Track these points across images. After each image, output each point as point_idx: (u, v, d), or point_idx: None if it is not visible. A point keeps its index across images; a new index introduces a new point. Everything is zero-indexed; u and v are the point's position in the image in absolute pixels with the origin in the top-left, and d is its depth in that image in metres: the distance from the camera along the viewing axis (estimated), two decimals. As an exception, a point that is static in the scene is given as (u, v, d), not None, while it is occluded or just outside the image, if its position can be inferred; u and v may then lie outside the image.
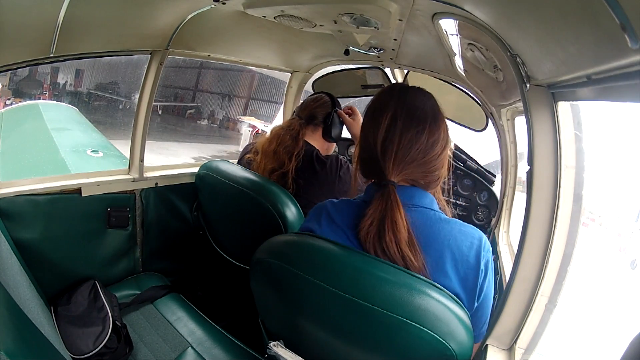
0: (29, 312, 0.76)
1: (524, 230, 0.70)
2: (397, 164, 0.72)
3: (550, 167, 0.68)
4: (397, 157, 0.71)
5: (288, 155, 1.29)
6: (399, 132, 0.71)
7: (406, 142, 0.71)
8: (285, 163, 1.28)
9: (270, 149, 1.32)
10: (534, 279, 0.69)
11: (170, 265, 1.62)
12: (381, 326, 0.64)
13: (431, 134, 0.72)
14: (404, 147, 0.71)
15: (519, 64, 0.70)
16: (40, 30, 0.96)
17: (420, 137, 0.72)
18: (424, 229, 0.70)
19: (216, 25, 1.32)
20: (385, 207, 0.69)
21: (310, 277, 0.70)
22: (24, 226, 1.16)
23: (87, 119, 4.88)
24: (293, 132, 1.34)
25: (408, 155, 0.71)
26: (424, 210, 0.72)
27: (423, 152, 0.72)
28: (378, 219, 0.69)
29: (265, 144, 1.35)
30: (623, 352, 0.39)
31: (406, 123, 0.72)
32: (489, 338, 0.73)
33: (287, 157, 1.29)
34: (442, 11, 0.88)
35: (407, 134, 0.71)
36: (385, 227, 0.68)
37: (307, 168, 1.29)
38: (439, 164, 0.75)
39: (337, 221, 0.76)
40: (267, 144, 1.34)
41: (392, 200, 0.69)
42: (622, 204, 3.53)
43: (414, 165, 0.72)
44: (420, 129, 0.72)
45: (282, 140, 1.32)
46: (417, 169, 0.73)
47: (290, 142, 1.31)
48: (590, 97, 0.62)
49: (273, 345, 0.81)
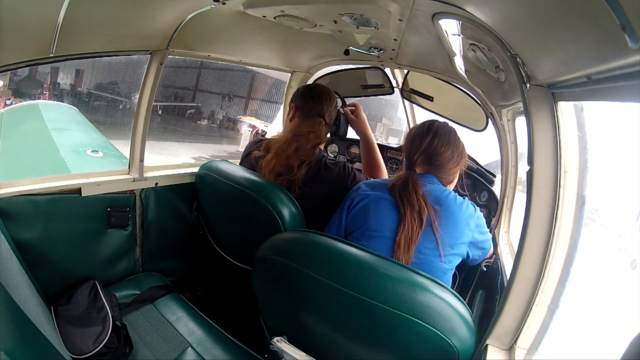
0: (29, 312, 0.76)
1: (524, 230, 0.70)
2: (421, 161, 1.12)
3: (550, 167, 0.68)
4: (422, 156, 1.12)
5: (300, 162, 1.23)
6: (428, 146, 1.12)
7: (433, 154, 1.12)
8: (294, 170, 1.22)
9: (285, 153, 1.24)
10: (534, 279, 0.69)
11: (170, 265, 1.61)
12: (383, 322, 0.65)
13: (452, 156, 1.13)
14: (429, 153, 1.12)
15: (519, 64, 0.70)
16: (40, 30, 0.96)
17: (444, 154, 1.12)
18: (436, 192, 1.06)
19: (216, 25, 1.32)
20: (408, 175, 1.07)
21: (314, 273, 0.70)
22: (24, 226, 1.16)
23: (87, 119, 4.88)
24: (316, 141, 1.28)
25: (432, 159, 1.12)
26: (436, 186, 1.09)
27: (442, 162, 1.12)
28: (403, 179, 1.07)
29: (282, 145, 1.27)
30: (623, 352, 0.39)
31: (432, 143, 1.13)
32: (489, 338, 0.73)
33: (298, 164, 1.23)
34: (442, 11, 0.88)
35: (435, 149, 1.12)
36: (408, 184, 1.05)
37: (315, 175, 1.24)
38: (453, 173, 1.16)
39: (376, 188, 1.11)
40: (285, 146, 1.26)
41: (412, 174, 1.07)
42: (622, 204, 3.53)
43: (434, 167, 1.12)
44: (443, 150, 1.12)
45: (301, 146, 1.25)
46: (436, 169, 1.12)
47: (309, 150, 1.26)
48: (591, 97, 0.62)
49: (277, 341, 0.82)
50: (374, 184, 1.14)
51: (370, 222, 1.05)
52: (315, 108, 1.32)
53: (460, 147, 1.15)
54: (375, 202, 1.07)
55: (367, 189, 1.12)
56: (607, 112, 1.12)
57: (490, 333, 0.73)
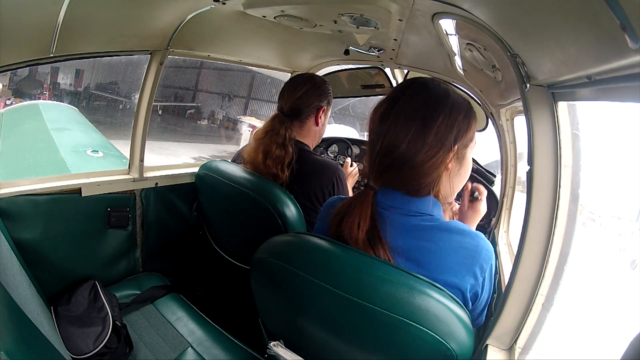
0: (29, 312, 0.76)
1: (524, 230, 0.70)
2: (377, 167, 0.71)
3: (550, 167, 0.68)
4: (377, 160, 0.70)
5: (279, 166, 1.18)
6: (383, 134, 0.68)
7: (388, 145, 0.68)
8: (278, 175, 1.18)
9: (258, 160, 1.20)
10: (533, 279, 0.69)
11: (170, 265, 1.62)
12: (381, 326, 0.64)
13: (417, 139, 0.66)
14: (384, 149, 0.69)
15: (519, 64, 0.70)
16: (40, 30, 0.96)
17: (402, 143, 0.67)
18: (404, 232, 0.69)
19: (216, 25, 1.32)
20: (352, 202, 0.72)
21: (311, 276, 0.70)
22: (24, 226, 1.16)
23: (87, 119, 4.88)
24: (279, 138, 1.19)
25: (388, 158, 0.69)
26: (421, 217, 0.70)
27: (404, 157, 0.67)
28: (342, 213, 0.72)
29: (251, 154, 1.23)
30: (623, 352, 0.39)
31: (390, 126, 0.68)
32: (489, 338, 0.73)
33: (279, 168, 1.18)
34: (442, 11, 0.88)
35: (390, 136, 0.68)
36: (345, 223, 0.71)
37: (301, 173, 1.21)
38: (425, 172, 0.68)
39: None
40: (254, 155, 1.22)
41: (364, 199, 0.70)
42: (622, 204, 3.52)
43: (395, 170, 0.69)
44: (403, 133, 0.67)
45: (268, 150, 1.19)
46: (398, 174, 0.69)
47: (279, 152, 1.18)
48: (591, 97, 0.62)
49: (273, 345, 0.82)
50: (323, 215, 0.83)
51: None
52: (279, 104, 1.28)
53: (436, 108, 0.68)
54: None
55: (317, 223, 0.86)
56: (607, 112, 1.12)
57: (490, 333, 0.73)
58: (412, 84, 0.72)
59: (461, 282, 0.67)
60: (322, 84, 1.30)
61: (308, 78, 1.30)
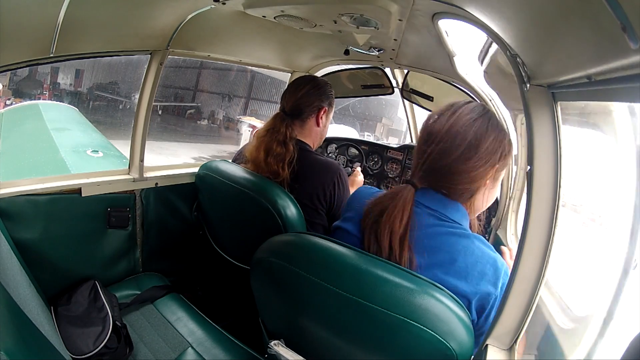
0: (29, 312, 0.76)
1: (524, 230, 0.70)
2: (424, 170, 0.77)
3: (550, 167, 0.68)
4: (426, 163, 0.76)
5: (280, 164, 1.19)
6: (437, 141, 0.75)
7: (440, 152, 0.75)
8: (279, 173, 1.19)
9: (259, 159, 1.22)
10: (534, 279, 0.69)
11: (170, 265, 1.62)
12: (381, 325, 0.64)
13: (468, 150, 0.74)
14: (435, 155, 0.75)
15: (519, 64, 0.70)
16: (40, 30, 0.96)
17: (454, 152, 0.74)
18: (440, 239, 0.73)
19: (216, 25, 1.32)
20: (393, 197, 0.75)
21: (311, 276, 0.70)
22: (24, 226, 1.16)
23: (87, 119, 4.88)
24: (279, 136, 1.21)
25: (437, 163, 0.75)
26: (451, 224, 0.75)
27: (453, 166, 0.75)
28: (383, 205, 0.75)
29: (253, 152, 1.25)
30: (623, 352, 0.39)
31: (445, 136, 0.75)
32: (489, 338, 0.73)
33: (280, 166, 1.19)
34: (442, 11, 0.88)
35: (443, 145, 0.75)
36: (384, 215, 0.73)
37: (302, 173, 1.22)
38: (471, 179, 0.76)
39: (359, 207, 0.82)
40: (255, 153, 1.24)
41: (403, 196, 0.74)
42: (622, 204, 3.51)
43: (440, 175, 0.76)
44: (456, 144, 0.74)
45: (269, 147, 1.21)
46: (443, 179, 0.76)
47: (280, 150, 1.20)
48: (591, 97, 0.62)
49: (274, 345, 0.82)
50: (355, 205, 0.86)
51: None
52: (281, 104, 1.31)
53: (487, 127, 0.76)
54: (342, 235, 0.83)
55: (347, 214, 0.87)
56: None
57: (490, 333, 0.73)
58: (470, 102, 0.81)
59: (474, 293, 0.71)
60: (323, 85, 1.32)
61: (310, 79, 1.33)
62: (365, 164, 2.17)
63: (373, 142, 2.21)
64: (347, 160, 2.23)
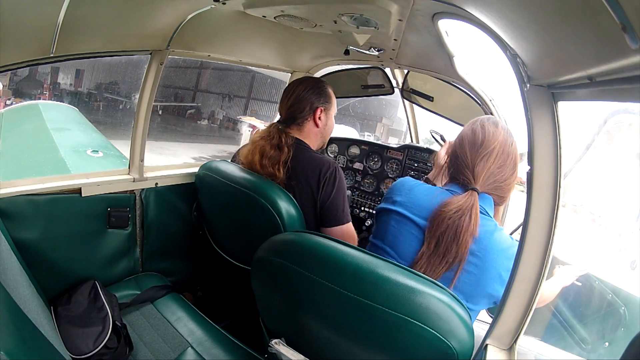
0: (29, 312, 0.76)
1: (524, 230, 0.70)
2: (486, 179, 0.90)
3: (550, 167, 0.68)
4: (488, 173, 0.90)
5: (276, 165, 1.19)
6: (496, 156, 0.90)
7: (498, 166, 0.90)
8: (275, 175, 1.19)
9: (254, 161, 1.22)
10: (534, 279, 0.69)
11: (170, 265, 1.61)
12: (382, 324, 0.65)
13: (512, 167, 0.92)
14: (495, 168, 0.90)
15: (519, 64, 0.70)
16: (40, 30, 0.96)
17: (506, 168, 0.91)
18: (485, 233, 0.85)
19: (216, 25, 1.32)
20: (472, 204, 0.85)
21: (312, 274, 0.70)
22: (24, 226, 1.16)
23: (87, 119, 4.88)
24: (274, 141, 1.21)
25: (496, 176, 0.90)
26: (488, 218, 0.88)
27: (505, 177, 0.91)
28: (463, 209, 0.84)
29: (248, 156, 1.25)
30: (623, 352, 0.39)
31: (501, 153, 0.91)
32: (489, 338, 0.73)
33: (276, 167, 1.19)
34: (442, 11, 0.88)
35: (500, 161, 0.90)
36: (464, 216, 0.83)
37: (297, 170, 1.21)
38: (511, 187, 0.94)
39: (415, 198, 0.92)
40: (250, 156, 1.24)
41: (475, 201, 0.85)
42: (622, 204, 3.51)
43: (495, 186, 0.91)
44: (507, 162, 0.91)
45: (264, 150, 1.21)
46: (496, 188, 0.91)
47: (274, 153, 1.20)
48: (591, 97, 0.62)
49: (275, 343, 0.82)
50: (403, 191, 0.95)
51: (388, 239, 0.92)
52: (279, 111, 1.31)
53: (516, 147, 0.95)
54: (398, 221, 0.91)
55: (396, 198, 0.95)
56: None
57: (490, 333, 0.73)
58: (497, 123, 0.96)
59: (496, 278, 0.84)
60: (315, 85, 1.28)
61: (300, 81, 1.30)
62: (365, 164, 2.17)
63: (373, 142, 2.21)
64: (347, 160, 2.23)
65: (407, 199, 0.92)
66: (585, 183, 1.51)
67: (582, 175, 1.39)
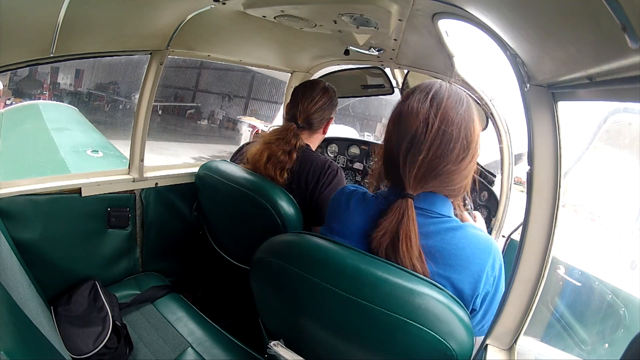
0: (29, 312, 0.76)
1: (524, 230, 0.70)
2: (420, 178, 0.70)
3: (550, 167, 0.68)
4: (420, 171, 0.69)
5: (279, 171, 1.20)
6: (427, 146, 0.68)
7: (433, 158, 0.68)
8: (276, 179, 1.20)
9: (260, 162, 1.22)
10: (534, 279, 0.69)
11: (170, 265, 1.62)
12: (381, 325, 0.64)
13: (462, 150, 0.69)
14: (429, 162, 0.68)
15: (519, 64, 0.70)
16: (40, 30, 0.96)
17: (450, 155, 0.68)
18: (438, 238, 0.71)
19: (216, 25, 1.32)
20: (400, 220, 0.69)
21: (311, 276, 0.70)
22: (24, 226, 1.16)
23: (87, 119, 4.88)
24: (287, 147, 1.22)
25: (434, 170, 0.69)
26: (441, 219, 0.73)
27: (450, 168, 0.70)
28: (391, 231, 0.69)
29: (255, 155, 1.25)
30: (623, 352, 0.39)
31: (435, 139, 0.68)
32: (489, 338, 0.73)
33: (278, 173, 1.20)
34: (442, 11, 0.88)
35: (436, 150, 0.68)
36: (399, 240, 0.68)
37: (299, 171, 1.23)
38: (464, 176, 0.73)
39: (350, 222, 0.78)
40: (258, 156, 1.24)
41: (408, 215, 0.68)
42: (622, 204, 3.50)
43: (438, 181, 0.71)
44: (451, 147, 0.68)
45: (273, 154, 1.22)
46: (441, 184, 0.71)
47: (283, 158, 1.21)
48: (591, 97, 0.62)
49: (273, 345, 0.82)
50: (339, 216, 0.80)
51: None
52: (292, 111, 1.31)
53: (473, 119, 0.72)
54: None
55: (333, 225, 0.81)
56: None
57: (490, 333, 0.73)
58: (441, 84, 0.74)
59: (474, 281, 0.69)
60: (334, 96, 1.34)
61: (324, 90, 1.31)
62: (365, 164, 2.17)
63: (373, 142, 2.21)
64: (347, 160, 2.23)
65: (342, 225, 0.79)
66: (585, 183, 1.51)
67: (582, 175, 1.39)
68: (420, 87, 0.75)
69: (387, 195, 0.77)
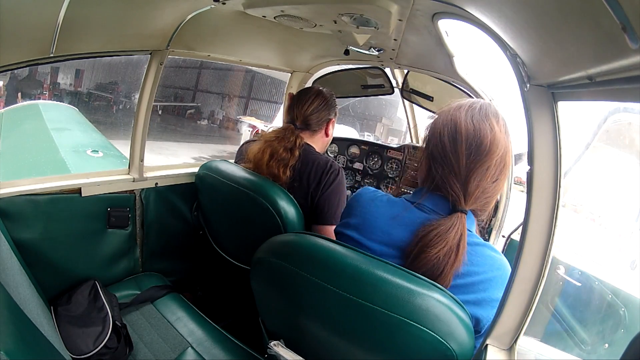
0: (29, 312, 0.76)
1: (524, 230, 0.70)
2: (475, 198, 0.74)
3: (550, 167, 0.68)
4: (479, 190, 0.74)
5: (282, 168, 1.21)
6: (493, 173, 0.74)
7: (490, 182, 0.75)
8: (278, 176, 1.21)
9: (263, 161, 1.23)
10: (534, 279, 0.69)
11: (170, 265, 1.62)
12: (381, 326, 0.64)
13: (500, 173, 0.75)
14: (486, 185, 0.74)
15: (519, 64, 0.70)
16: (40, 30, 0.96)
17: (500, 179, 0.76)
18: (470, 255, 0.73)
19: (216, 25, 1.32)
20: (461, 236, 0.72)
21: (311, 276, 0.70)
22: (24, 226, 1.16)
23: (87, 119, 4.88)
24: (288, 144, 1.24)
25: (483, 191, 0.75)
26: (470, 234, 0.75)
27: (493, 189, 0.76)
28: (452, 245, 0.71)
29: (257, 154, 1.26)
30: (623, 352, 0.39)
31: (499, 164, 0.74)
32: (489, 338, 0.73)
33: (281, 170, 1.21)
34: (442, 11, 0.88)
35: (493, 174, 0.74)
36: (457, 254, 0.71)
37: (301, 171, 1.23)
38: (496, 192, 0.78)
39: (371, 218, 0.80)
40: (260, 155, 1.25)
41: (463, 230, 0.72)
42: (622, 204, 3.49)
43: (482, 200, 0.76)
44: (500, 171, 0.75)
45: (275, 151, 1.23)
46: (482, 203, 0.77)
47: (285, 155, 1.22)
48: (591, 97, 0.62)
49: (273, 345, 0.82)
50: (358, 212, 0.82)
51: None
52: (290, 115, 1.35)
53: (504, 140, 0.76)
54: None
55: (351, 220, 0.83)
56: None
57: (490, 333, 0.73)
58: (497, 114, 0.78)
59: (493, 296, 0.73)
60: (329, 98, 1.36)
61: (317, 93, 1.35)
62: (365, 164, 2.17)
63: (373, 142, 2.21)
64: (347, 160, 2.23)
65: (362, 220, 0.79)
66: (585, 183, 1.51)
67: (582, 175, 1.39)
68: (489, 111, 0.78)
69: (432, 207, 0.77)
